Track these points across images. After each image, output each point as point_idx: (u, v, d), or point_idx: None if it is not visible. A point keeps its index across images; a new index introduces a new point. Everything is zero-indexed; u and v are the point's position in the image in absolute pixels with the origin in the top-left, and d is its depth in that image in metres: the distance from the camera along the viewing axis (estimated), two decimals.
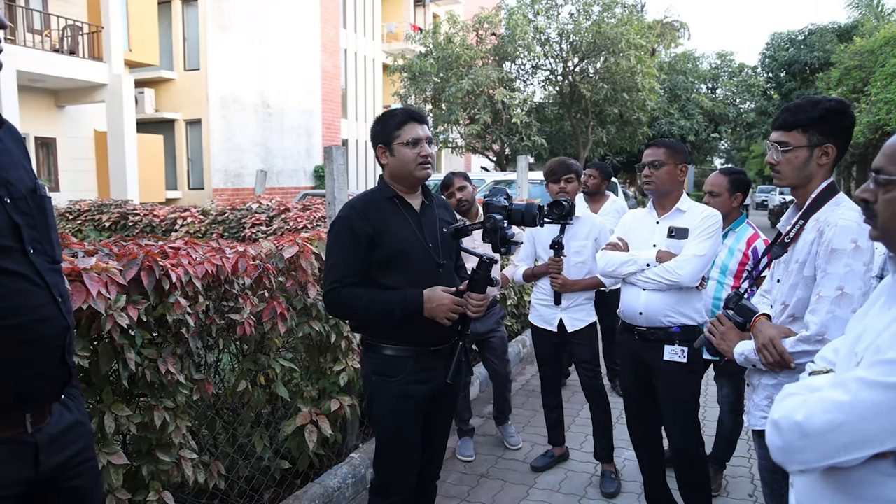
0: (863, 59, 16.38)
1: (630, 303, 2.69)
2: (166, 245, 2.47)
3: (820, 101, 1.88)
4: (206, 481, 2.45)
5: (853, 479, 1.08)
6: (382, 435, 2.22)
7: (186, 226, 6.78)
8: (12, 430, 1.29)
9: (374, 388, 2.20)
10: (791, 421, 1.09)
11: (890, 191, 1.12)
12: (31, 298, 1.28)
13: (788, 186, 1.96)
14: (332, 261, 2.14)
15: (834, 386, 1.07)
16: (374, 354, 2.20)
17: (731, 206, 3.08)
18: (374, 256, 2.11)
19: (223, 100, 16.41)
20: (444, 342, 2.18)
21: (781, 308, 1.92)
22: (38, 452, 1.33)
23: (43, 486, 1.36)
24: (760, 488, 3.13)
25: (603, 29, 17.29)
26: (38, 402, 1.33)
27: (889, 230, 1.13)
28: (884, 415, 0.99)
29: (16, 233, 1.27)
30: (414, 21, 25.58)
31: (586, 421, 3.76)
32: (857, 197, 1.20)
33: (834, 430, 1.03)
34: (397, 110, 2.24)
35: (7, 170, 1.30)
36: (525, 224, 2.18)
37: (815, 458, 1.07)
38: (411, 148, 2.14)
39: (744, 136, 30.47)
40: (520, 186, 9.00)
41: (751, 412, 1.99)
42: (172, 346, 2.34)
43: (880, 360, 1.02)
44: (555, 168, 3.38)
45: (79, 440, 1.44)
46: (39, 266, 1.31)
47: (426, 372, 2.17)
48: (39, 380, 1.32)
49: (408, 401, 2.16)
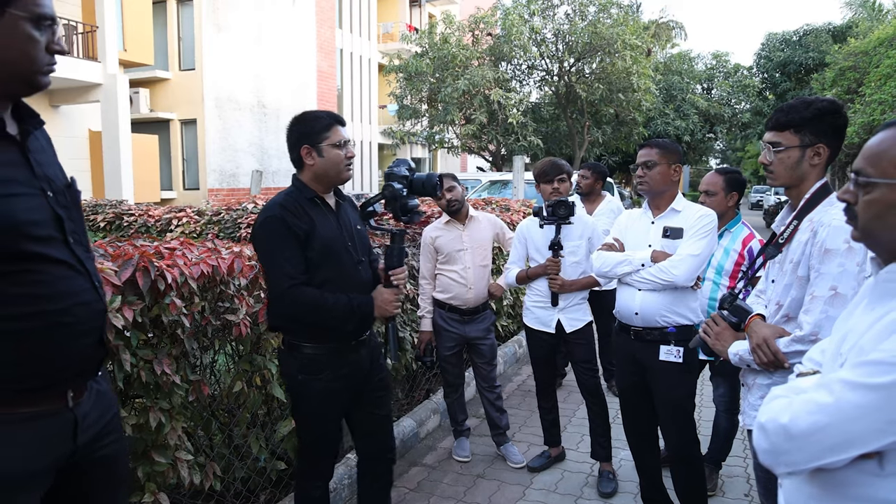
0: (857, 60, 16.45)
1: (626, 303, 2.70)
2: (161, 245, 2.46)
3: (812, 101, 1.89)
4: (201, 482, 2.45)
5: (839, 480, 1.09)
6: (307, 429, 2.32)
7: (182, 226, 6.75)
8: (56, 405, 1.39)
9: (300, 387, 2.28)
10: (777, 423, 1.09)
11: (869, 192, 1.13)
12: (74, 284, 1.39)
13: (782, 186, 1.97)
14: (278, 261, 2.13)
15: (818, 388, 1.08)
16: (297, 354, 2.25)
17: (727, 205, 3.10)
18: (307, 254, 2.17)
19: (218, 100, 16.37)
20: (363, 333, 2.32)
21: (776, 308, 1.93)
22: (77, 426, 1.42)
23: (79, 458, 1.45)
24: (756, 488, 3.15)
25: (599, 29, 17.33)
26: (79, 379, 1.44)
27: (869, 231, 1.14)
28: (868, 415, 1.00)
29: (59, 224, 1.38)
30: (410, 21, 25.59)
31: (582, 421, 3.77)
32: (839, 198, 1.21)
33: (819, 432, 1.04)
34: (319, 112, 2.30)
35: (47, 167, 1.41)
36: (426, 194, 2.23)
37: (802, 460, 1.07)
38: (340, 149, 2.22)
39: (739, 137, 30.58)
40: (516, 186, 9.02)
41: (745, 412, 2.00)
42: (168, 347, 2.33)
43: (863, 362, 1.03)
44: (546, 169, 3.38)
45: (107, 411, 1.55)
46: (79, 254, 1.42)
47: (351, 365, 2.29)
48: (80, 359, 1.42)
49: (334, 397, 2.27)
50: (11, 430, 1.31)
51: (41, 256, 1.33)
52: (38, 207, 1.34)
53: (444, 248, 3.57)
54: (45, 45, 1.36)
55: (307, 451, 2.36)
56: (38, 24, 1.33)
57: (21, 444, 1.32)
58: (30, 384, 1.34)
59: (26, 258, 1.31)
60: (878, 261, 1.17)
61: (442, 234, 3.60)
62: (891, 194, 1.10)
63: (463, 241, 3.60)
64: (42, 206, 1.35)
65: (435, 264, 3.63)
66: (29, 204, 1.32)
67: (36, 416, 1.35)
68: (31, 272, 1.32)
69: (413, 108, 19.36)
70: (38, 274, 1.33)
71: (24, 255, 1.30)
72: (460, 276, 3.57)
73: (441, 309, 3.62)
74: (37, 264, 1.32)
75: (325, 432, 2.33)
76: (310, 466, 2.36)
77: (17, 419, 1.32)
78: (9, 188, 1.29)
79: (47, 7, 1.35)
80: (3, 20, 1.29)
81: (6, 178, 1.30)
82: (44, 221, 1.35)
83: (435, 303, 3.64)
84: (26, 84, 1.37)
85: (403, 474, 3.49)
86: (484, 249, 3.67)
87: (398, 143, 21.16)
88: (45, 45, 1.36)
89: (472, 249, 3.60)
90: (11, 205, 1.28)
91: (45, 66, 1.37)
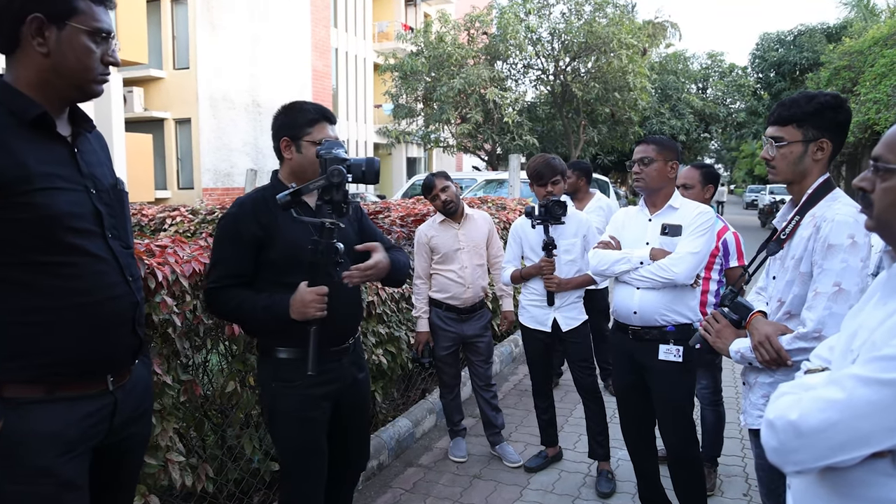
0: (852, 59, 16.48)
1: (624, 302, 2.66)
2: (152, 243, 2.42)
3: (815, 95, 1.86)
4: (193, 484, 2.40)
5: (851, 480, 1.06)
6: (287, 450, 2.07)
7: (175, 225, 6.69)
8: (95, 389, 1.50)
9: (274, 395, 2.06)
10: (786, 420, 1.06)
11: (887, 179, 1.10)
12: (107, 278, 1.49)
13: (783, 182, 1.94)
14: (214, 259, 2.07)
15: (829, 384, 1.05)
16: (270, 359, 2.07)
17: (704, 197, 3.20)
18: (270, 256, 2.01)
19: (213, 99, 16.31)
20: (342, 342, 2.11)
21: (777, 305, 1.90)
22: (116, 407, 1.54)
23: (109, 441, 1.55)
24: (755, 487, 3.13)
25: (594, 28, 17.33)
26: (116, 366, 1.55)
27: (884, 220, 1.11)
28: (880, 412, 0.97)
29: (98, 219, 1.49)
30: (405, 20, 25.55)
31: (579, 421, 3.74)
32: (856, 185, 1.17)
33: (829, 429, 1.01)
34: (308, 104, 2.13)
35: (94, 166, 1.54)
36: (366, 182, 1.94)
37: (811, 458, 1.04)
38: None
39: (734, 136, 30.65)
40: (511, 185, 8.99)
41: (747, 411, 1.96)
42: (159, 346, 2.29)
43: (876, 357, 1.00)
44: (541, 171, 3.33)
45: (144, 400, 1.67)
46: (115, 249, 1.53)
47: (328, 373, 2.05)
48: (115, 348, 1.53)
49: (313, 406, 2.04)
50: (52, 406, 1.42)
51: (78, 249, 1.43)
52: (80, 202, 1.45)
53: (441, 248, 3.54)
54: (101, 56, 1.49)
55: (289, 478, 2.10)
56: (94, 37, 1.46)
57: (54, 418, 1.42)
58: (65, 372, 1.44)
59: (64, 250, 1.41)
60: (892, 253, 1.13)
61: (438, 233, 3.56)
62: None
63: (459, 240, 3.56)
64: (84, 202, 1.46)
65: (430, 263, 3.59)
66: (70, 198, 1.43)
67: (75, 398, 1.46)
68: (66, 265, 1.42)
69: (408, 108, 19.32)
70: (73, 267, 1.43)
71: (62, 246, 1.41)
72: (458, 276, 3.54)
73: (438, 308, 3.58)
74: (73, 256, 1.43)
75: (307, 450, 2.06)
76: (298, 498, 2.09)
77: (57, 399, 1.43)
78: (52, 182, 1.41)
79: (105, 22, 1.48)
80: (65, 32, 1.43)
81: (51, 173, 1.41)
82: (84, 215, 1.45)
83: (431, 302, 3.60)
84: (82, 91, 1.50)
85: (399, 475, 3.45)
86: (480, 248, 3.64)
87: (393, 142, 21.12)
88: (101, 57, 1.49)
89: (468, 248, 3.57)
90: (52, 197, 1.39)
91: (100, 75, 1.50)
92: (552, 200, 3.26)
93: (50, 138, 1.45)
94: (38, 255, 1.39)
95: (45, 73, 1.44)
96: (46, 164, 1.41)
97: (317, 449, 2.08)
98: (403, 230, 4.30)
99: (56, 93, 1.47)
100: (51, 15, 1.40)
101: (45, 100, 1.45)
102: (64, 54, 1.43)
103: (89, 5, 1.45)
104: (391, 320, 3.75)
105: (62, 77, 1.45)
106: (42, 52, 1.42)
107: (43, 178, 1.39)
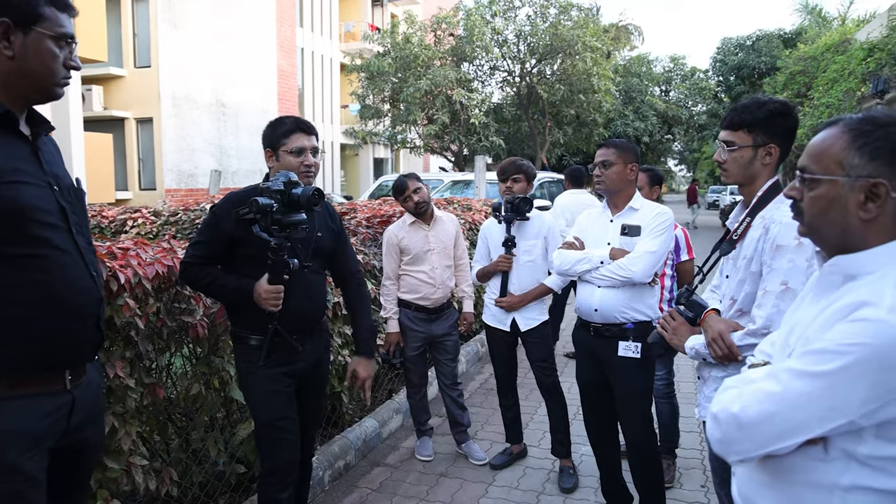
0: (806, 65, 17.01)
1: (586, 300, 2.73)
2: (114, 245, 2.39)
3: (765, 102, 1.94)
4: (157, 488, 2.38)
5: (787, 466, 1.13)
6: (262, 425, 2.29)
7: (137, 227, 6.57)
8: (54, 386, 1.53)
9: (247, 375, 2.30)
10: (728, 413, 1.12)
11: (814, 189, 1.17)
12: (72, 271, 1.53)
13: (734, 184, 2.02)
14: (196, 239, 2.30)
15: (767, 377, 1.11)
16: (243, 346, 2.31)
17: (652, 198, 3.38)
18: (247, 252, 2.20)
19: (175, 98, 15.98)
20: (304, 330, 2.33)
21: (730, 303, 1.98)
22: (74, 406, 1.56)
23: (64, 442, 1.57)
24: (711, 479, 3.24)
25: (559, 31, 17.54)
26: (76, 361, 1.57)
27: (814, 227, 1.18)
28: (813, 402, 1.03)
29: (63, 215, 1.53)
30: (371, 21, 25.44)
31: (544, 419, 3.81)
32: (785, 195, 1.24)
33: (767, 420, 1.07)
34: (287, 118, 2.38)
35: (54, 165, 1.60)
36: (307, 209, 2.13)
37: (752, 447, 1.11)
38: (295, 157, 2.29)
39: (696, 138, 31.35)
40: (478, 186, 9.06)
41: (701, 404, 2.04)
42: (121, 349, 2.27)
43: (808, 351, 1.07)
44: (504, 167, 3.46)
45: (96, 401, 1.70)
46: (81, 245, 1.57)
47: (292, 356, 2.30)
48: (77, 343, 1.56)
49: (278, 379, 2.28)
50: (15, 403, 1.45)
51: (47, 242, 1.47)
52: (45, 197, 1.50)
53: (412, 249, 3.56)
54: (63, 60, 1.54)
55: (267, 452, 2.30)
56: (58, 42, 1.52)
57: (19, 415, 1.45)
58: (28, 365, 1.47)
59: (32, 242, 1.45)
60: (823, 255, 1.21)
61: (408, 234, 3.59)
62: (833, 190, 1.14)
63: (430, 241, 3.60)
64: (48, 197, 1.51)
65: (399, 265, 3.62)
66: (35, 192, 1.48)
67: (34, 395, 1.48)
68: (35, 258, 1.46)
69: (375, 108, 19.26)
70: (42, 260, 1.47)
71: (31, 239, 1.45)
72: (428, 277, 3.57)
73: (407, 309, 3.61)
74: (41, 249, 1.47)
75: (279, 414, 2.27)
76: (273, 463, 2.30)
77: (19, 396, 1.46)
78: (17, 176, 1.45)
79: (68, 28, 1.54)
80: (30, 37, 1.48)
81: (16, 168, 1.46)
82: (49, 210, 1.50)
83: (400, 303, 3.62)
84: (44, 94, 1.55)
85: (366, 474, 3.47)
86: (449, 249, 3.68)
87: (360, 143, 21.02)
88: (63, 61, 1.54)
89: (438, 250, 3.61)
90: (19, 191, 1.44)
91: (62, 79, 1.56)
92: (519, 197, 3.33)
93: (13, 136, 1.50)
94: (6, 247, 1.42)
95: (9, 75, 1.49)
96: (11, 159, 1.46)
97: (284, 416, 2.29)
98: (370, 231, 4.31)
99: (18, 94, 1.51)
100: (18, 20, 1.46)
101: (8, 100, 1.49)
102: (29, 58, 1.49)
103: (54, 12, 1.51)
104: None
105: (26, 79, 1.51)
106: (7, 55, 1.47)
107: (8, 172, 1.43)
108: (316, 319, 2.41)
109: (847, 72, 13.17)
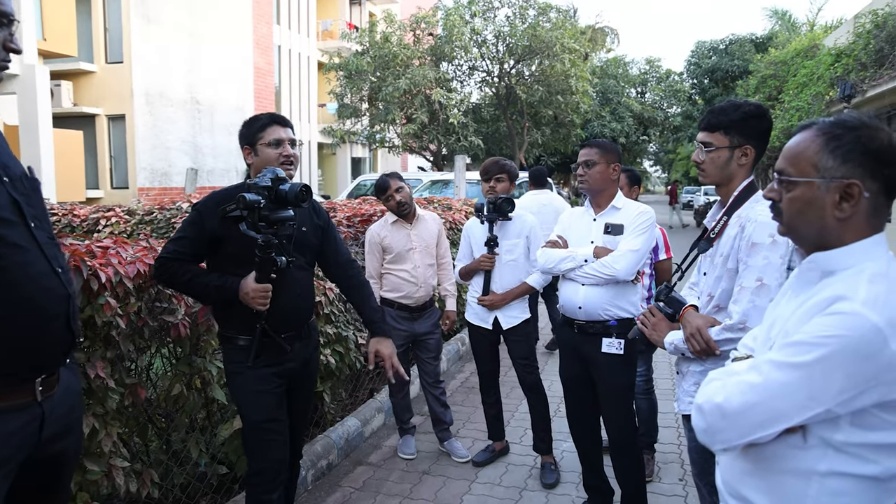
0: (777, 69, 17.41)
1: (570, 298, 2.77)
2: (94, 244, 2.36)
3: (741, 104, 2.00)
4: (138, 490, 2.36)
5: (768, 454, 1.18)
6: (250, 425, 2.28)
7: (111, 226, 6.45)
8: (23, 398, 1.40)
9: (234, 375, 2.28)
10: (712, 404, 1.17)
11: (791, 190, 1.22)
12: (33, 269, 1.40)
13: (712, 184, 2.07)
14: (177, 235, 2.27)
15: (749, 369, 1.16)
16: (231, 346, 2.29)
17: (632, 198, 3.43)
18: (229, 250, 2.20)
19: (149, 95, 15.72)
20: (293, 329, 2.32)
21: (707, 299, 2.03)
22: (44, 420, 1.45)
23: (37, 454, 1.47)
24: (690, 473, 3.30)
25: (538, 32, 17.66)
26: (48, 367, 1.45)
27: (793, 226, 1.24)
28: (792, 392, 1.08)
29: (17, 208, 1.41)
30: (350, 19, 25.32)
31: (525, 416, 3.84)
32: (765, 196, 1.29)
33: (749, 410, 1.12)
34: (262, 115, 2.38)
35: (2, 156, 1.45)
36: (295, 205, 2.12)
37: (735, 436, 1.15)
38: (273, 148, 2.28)
39: (671, 139, 31.83)
40: (457, 186, 9.08)
41: (680, 398, 2.09)
42: (102, 349, 2.24)
43: (787, 343, 1.12)
44: (487, 167, 3.48)
45: (74, 409, 1.59)
46: (41, 240, 1.44)
47: (281, 356, 2.29)
48: (47, 346, 1.44)
49: (267, 382, 2.26)
50: None
51: (2, 240, 1.35)
52: None
53: (394, 248, 3.57)
54: (2, 41, 1.42)
55: (254, 453, 2.28)
56: None
57: None
58: None
59: None
60: (801, 252, 1.25)
61: (390, 233, 3.60)
62: (809, 191, 1.19)
63: (412, 240, 3.61)
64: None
65: (382, 263, 3.62)
66: None
67: (3, 410, 1.36)
68: None
69: (353, 107, 19.18)
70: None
71: None
72: (411, 276, 3.58)
73: (390, 308, 3.61)
74: None
75: (267, 423, 2.24)
76: (261, 464, 2.27)
77: None
78: None
79: (5, 5, 1.40)
80: None
81: None
82: (1, 205, 1.38)
83: (383, 302, 3.63)
84: None
85: (349, 473, 3.47)
86: (431, 248, 3.70)
87: (338, 142, 20.91)
88: (2, 42, 1.42)
89: (420, 248, 3.63)
90: None
91: (1, 61, 1.44)
92: (501, 198, 3.36)
93: None
94: None
95: None
96: None
97: (273, 418, 2.27)
98: (350, 230, 4.30)
99: None
100: None
101: None
102: None
103: None
104: (339, 320, 3.75)
105: None
106: None
107: None
108: (304, 318, 2.41)
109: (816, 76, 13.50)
